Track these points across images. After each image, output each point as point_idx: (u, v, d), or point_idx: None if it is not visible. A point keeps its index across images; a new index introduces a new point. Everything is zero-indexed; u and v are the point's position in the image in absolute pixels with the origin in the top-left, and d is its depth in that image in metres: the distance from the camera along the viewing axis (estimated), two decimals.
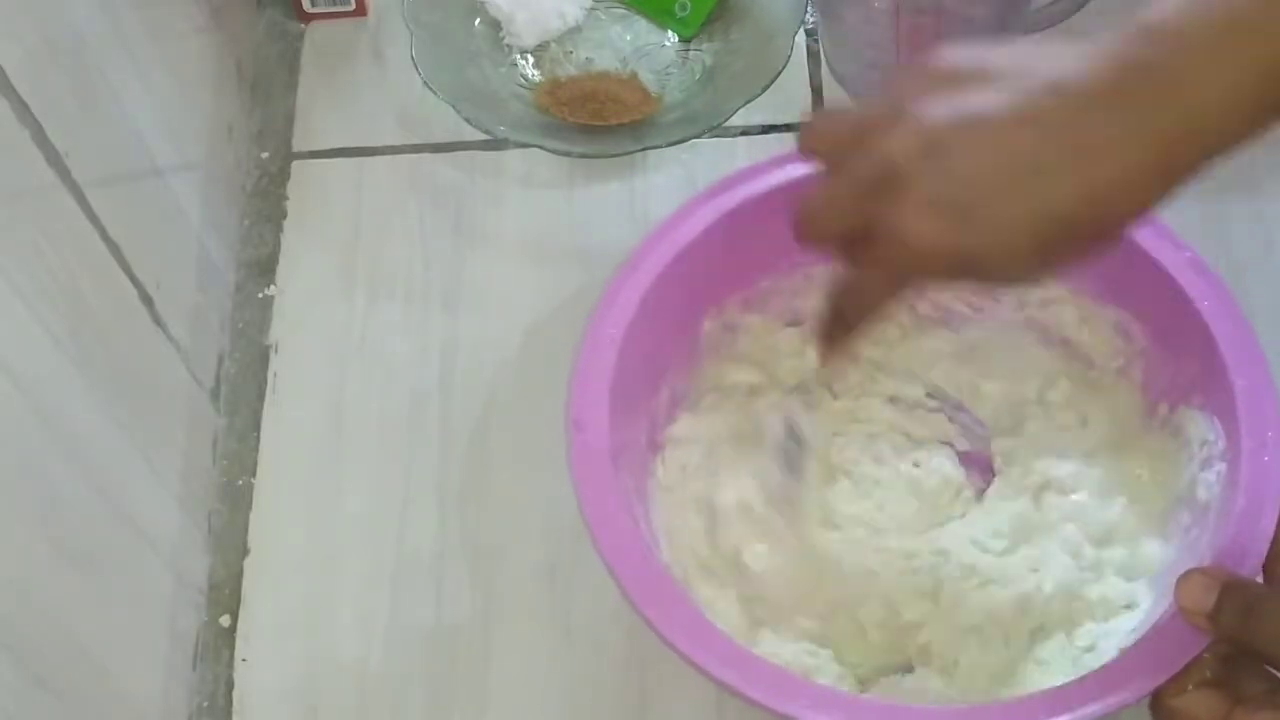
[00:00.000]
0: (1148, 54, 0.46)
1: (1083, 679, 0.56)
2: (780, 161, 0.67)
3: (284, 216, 0.80)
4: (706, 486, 0.67)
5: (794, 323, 0.71)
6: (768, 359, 0.70)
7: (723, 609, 0.64)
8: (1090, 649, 0.62)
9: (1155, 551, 0.64)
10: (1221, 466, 0.61)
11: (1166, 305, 0.64)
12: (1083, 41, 0.48)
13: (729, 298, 0.70)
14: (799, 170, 0.64)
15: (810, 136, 0.54)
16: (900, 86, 0.50)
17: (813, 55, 0.83)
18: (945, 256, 0.49)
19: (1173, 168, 0.46)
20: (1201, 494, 0.62)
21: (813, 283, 0.69)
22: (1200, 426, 0.63)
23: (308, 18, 0.85)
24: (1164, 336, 0.66)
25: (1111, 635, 0.62)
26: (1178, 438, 0.65)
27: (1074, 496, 0.67)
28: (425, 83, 0.78)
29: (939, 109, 0.48)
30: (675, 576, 0.62)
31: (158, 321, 0.67)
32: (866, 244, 0.51)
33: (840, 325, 0.56)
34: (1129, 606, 0.63)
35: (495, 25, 0.83)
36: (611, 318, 0.64)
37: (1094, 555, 0.65)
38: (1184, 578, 0.55)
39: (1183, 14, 0.45)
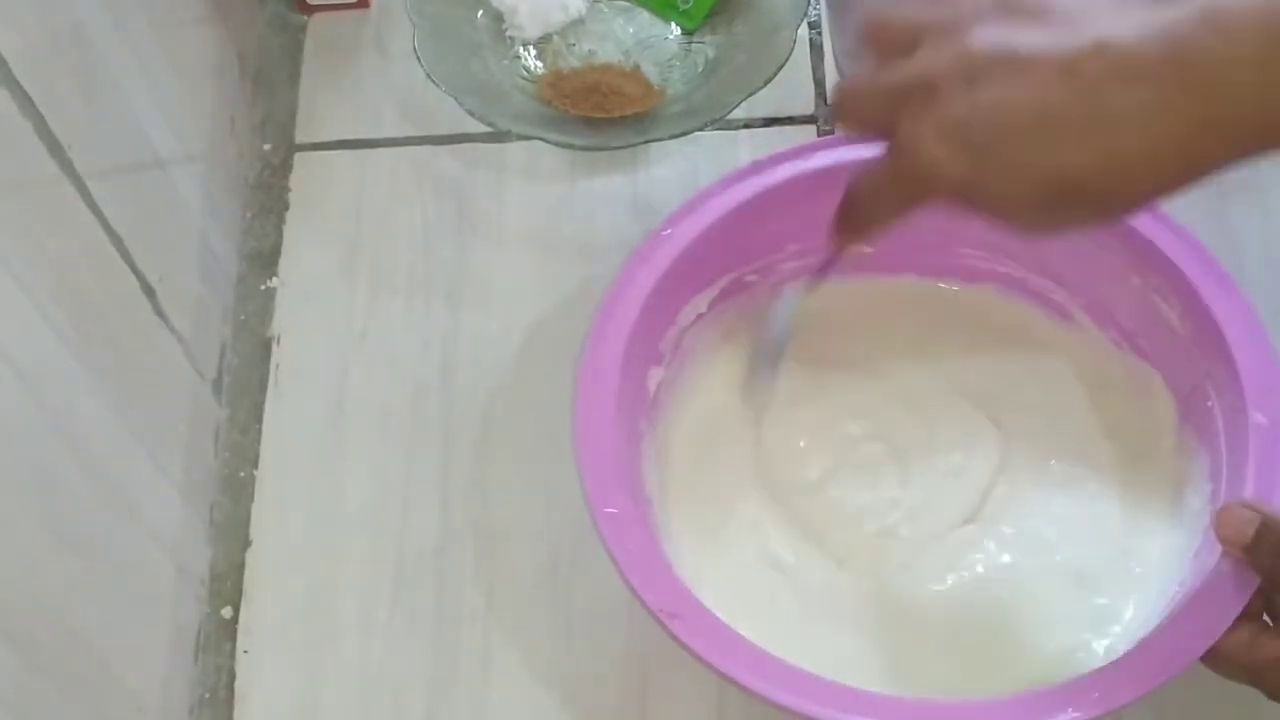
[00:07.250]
0: (1199, 38, 0.45)
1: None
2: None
3: (286, 208, 0.80)
4: None
5: None
6: None
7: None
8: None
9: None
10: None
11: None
12: (1153, 5, 0.46)
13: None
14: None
15: (871, 29, 0.53)
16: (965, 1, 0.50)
17: (815, 49, 0.83)
18: (949, 183, 0.49)
19: (1196, 157, 0.46)
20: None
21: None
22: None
23: (310, 10, 0.85)
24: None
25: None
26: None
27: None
28: (428, 75, 0.77)
29: (987, 37, 0.48)
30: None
31: (160, 313, 0.67)
32: (891, 145, 0.51)
33: (852, 220, 0.55)
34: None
35: (498, 17, 0.83)
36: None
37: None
38: (1224, 509, 0.56)
39: (1245, 9, 0.44)
